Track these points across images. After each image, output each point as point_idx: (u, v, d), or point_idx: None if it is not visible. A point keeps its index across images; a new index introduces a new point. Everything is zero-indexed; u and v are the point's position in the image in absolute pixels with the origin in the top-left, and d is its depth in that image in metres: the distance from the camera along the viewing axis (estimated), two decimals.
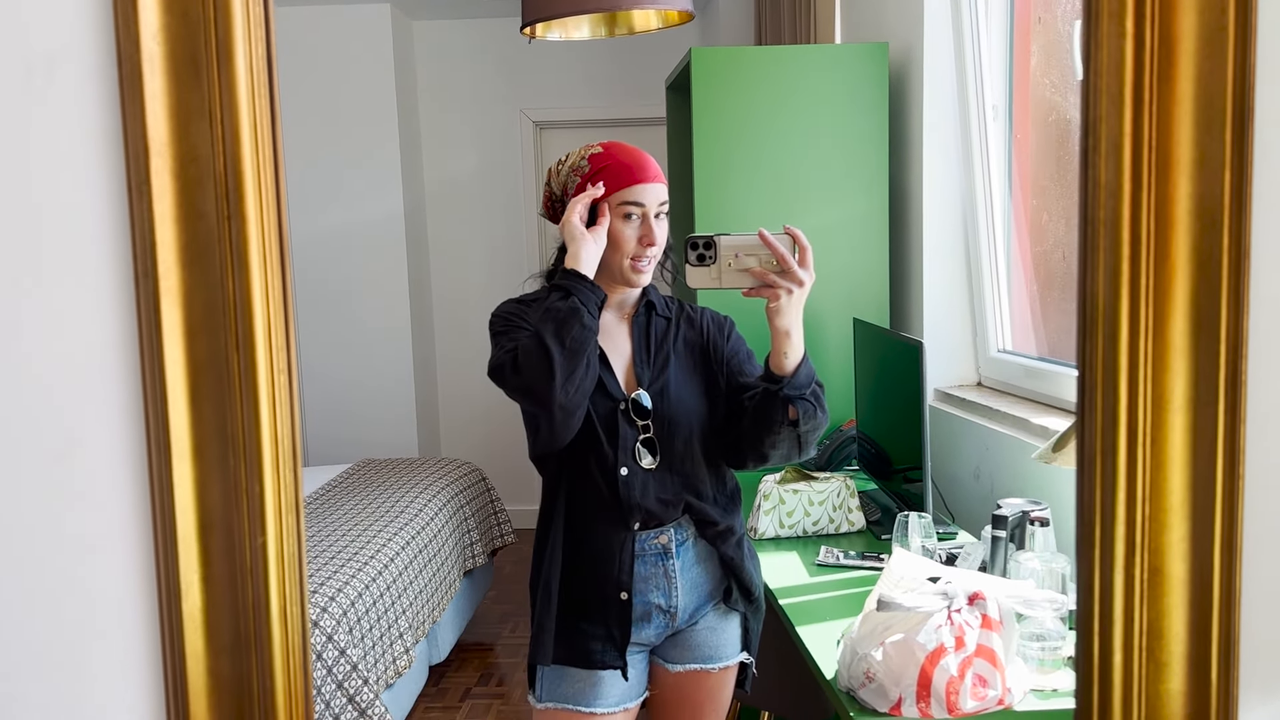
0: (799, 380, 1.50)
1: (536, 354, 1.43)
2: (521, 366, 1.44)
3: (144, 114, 0.77)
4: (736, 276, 1.48)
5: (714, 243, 1.48)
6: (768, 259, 1.46)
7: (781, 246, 1.45)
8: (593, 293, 1.47)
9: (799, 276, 1.45)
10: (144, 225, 0.78)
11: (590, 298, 1.46)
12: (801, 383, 1.51)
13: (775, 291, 1.46)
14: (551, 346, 1.42)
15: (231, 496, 0.81)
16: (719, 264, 1.48)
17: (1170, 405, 0.78)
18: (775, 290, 1.46)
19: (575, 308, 1.44)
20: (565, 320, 1.43)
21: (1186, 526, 0.79)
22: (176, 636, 0.84)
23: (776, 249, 1.45)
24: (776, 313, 1.47)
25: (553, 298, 1.46)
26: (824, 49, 2.94)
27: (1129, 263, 0.77)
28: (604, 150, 1.56)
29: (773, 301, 1.47)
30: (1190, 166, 0.76)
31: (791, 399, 1.50)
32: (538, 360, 1.42)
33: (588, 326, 1.44)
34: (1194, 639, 0.80)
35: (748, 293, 1.49)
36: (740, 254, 1.47)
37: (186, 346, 0.79)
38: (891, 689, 1.48)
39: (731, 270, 1.48)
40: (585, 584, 1.59)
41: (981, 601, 1.52)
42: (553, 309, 1.45)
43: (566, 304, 1.44)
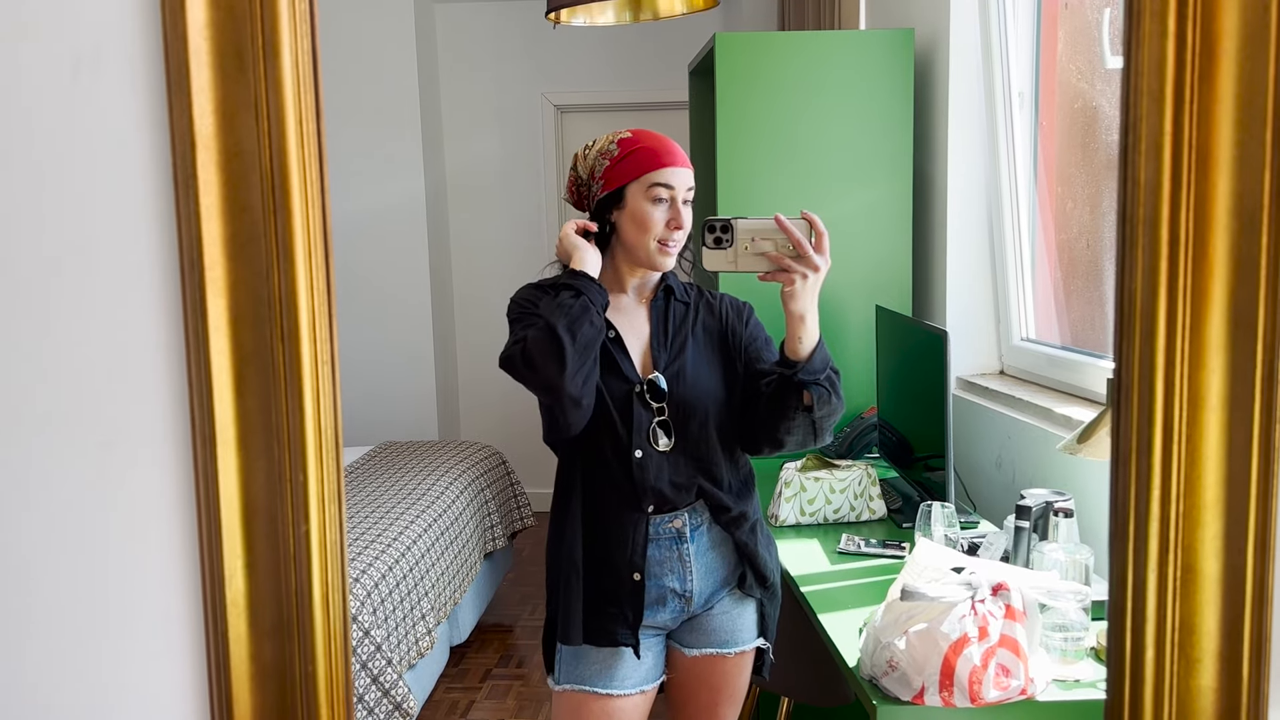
0: (814, 365, 1.51)
1: (549, 345, 1.44)
2: (532, 356, 1.46)
3: (190, 108, 0.78)
4: (752, 260, 1.48)
5: (731, 226, 1.48)
6: (784, 243, 1.47)
7: (798, 231, 1.45)
8: (600, 294, 1.51)
9: (815, 262, 1.46)
10: (190, 218, 0.80)
11: (598, 299, 1.50)
12: (816, 368, 1.51)
13: (791, 276, 1.46)
14: (564, 338, 1.44)
15: (275, 486, 0.82)
16: (735, 247, 1.48)
17: (1206, 404, 0.78)
18: (791, 275, 1.46)
19: (586, 306, 1.47)
20: (577, 317, 1.46)
21: (1220, 524, 0.80)
22: (220, 622, 0.85)
23: (793, 234, 1.45)
24: (791, 297, 1.48)
25: (564, 295, 1.49)
26: (849, 35, 2.92)
27: (1167, 261, 0.77)
28: (633, 135, 1.57)
29: (788, 286, 1.47)
30: (1230, 166, 0.76)
31: (806, 384, 1.51)
32: (549, 351, 1.44)
33: (596, 325, 1.48)
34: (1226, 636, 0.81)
35: (763, 277, 1.49)
36: (757, 238, 1.48)
37: (232, 338, 0.81)
38: (914, 678, 1.49)
39: (748, 254, 1.48)
40: (601, 564, 1.60)
41: (1005, 592, 1.52)
42: (565, 304, 1.47)
43: (579, 302, 1.47)
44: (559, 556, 1.62)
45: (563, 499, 1.63)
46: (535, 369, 1.46)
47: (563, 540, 1.61)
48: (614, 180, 1.55)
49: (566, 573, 1.60)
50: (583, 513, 1.61)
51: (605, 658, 1.61)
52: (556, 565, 1.62)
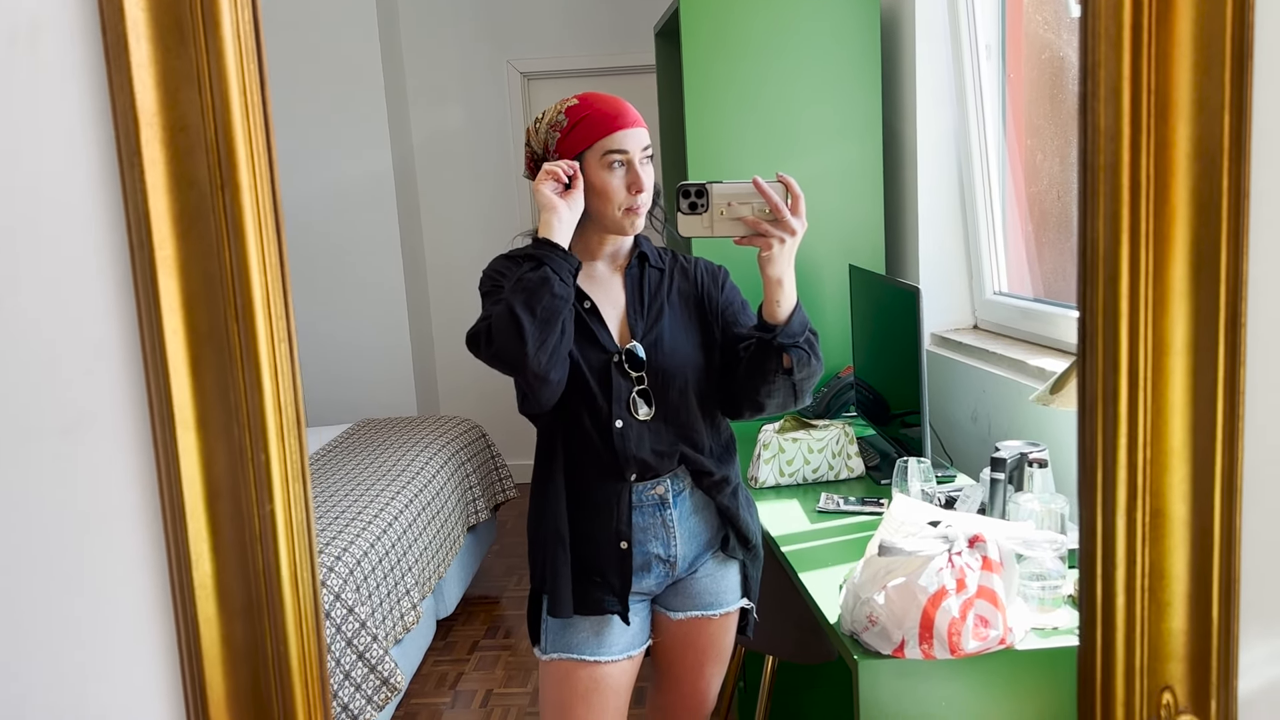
0: (792, 328, 1.50)
1: (509, 324, 1.43)
2: (495, 337, 1.45)
3: (131, 83, 0.76)
4: (729, 225, 1.47)
5: (706, 191, 1.46)
6: (760, 207, 1.45)
7: (775, 195, 1.44)
8: (565, 260, 1.46)
9: (791, 225, 1.44)
10: (137, 196, 0.78)
11: (563, 265, 1.45)
12: (795, 331, 1.51)
13: (768, 240, 1.45)
14: (522, 316, 1.42)
15: (238, 466, 0.81)
16: (711, 212, 1.47)
17: (1171, 349, 0.78)
18: (768, 239, 1.45)
19: (545, 277, 1.43)
20: (535, 290, 1.43)
21: (1187, 468, 0.80)
22: (189, 604, 0.84)
23: (771, 197, 1.43)
24: (769, 261, 1.47)
25: (525, 267, 1.46)
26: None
27: (1129, 207, 0.77)
28: (580, 101, 1.54)
29: (765, 250, 1.46)
30: (1189, 109, 0.76)
31: (786, 347, 1.50)
32: (509, 330, 1.43)
33: (559, 295, 1.44)
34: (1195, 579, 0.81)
35: (740, 241, 1.48)
36: (733, 202, 1.46)
37: (185, 317, 0.79)
38: (894, 631, 1.50)
39: (724, 219, 1.47)
40: (586, 535, 1.60)
41: (982, 544, 1.53)
42: (524, 279, 1.45)
43: (537, 274, 1.44)
44: (543, 530, 1.61)
45: (544, 472, 1.62)
46: (497, 349, 1.45)
47: (545, 514, 1.61)
48: (568, 152, 1.52)
49: (552, 546, 1.59)
50: (567, 482, 1.60)
51: (592, 625, 1.62)
52: (541, 539, 1.62)
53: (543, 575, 1.62)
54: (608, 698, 1.62)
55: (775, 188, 1.44)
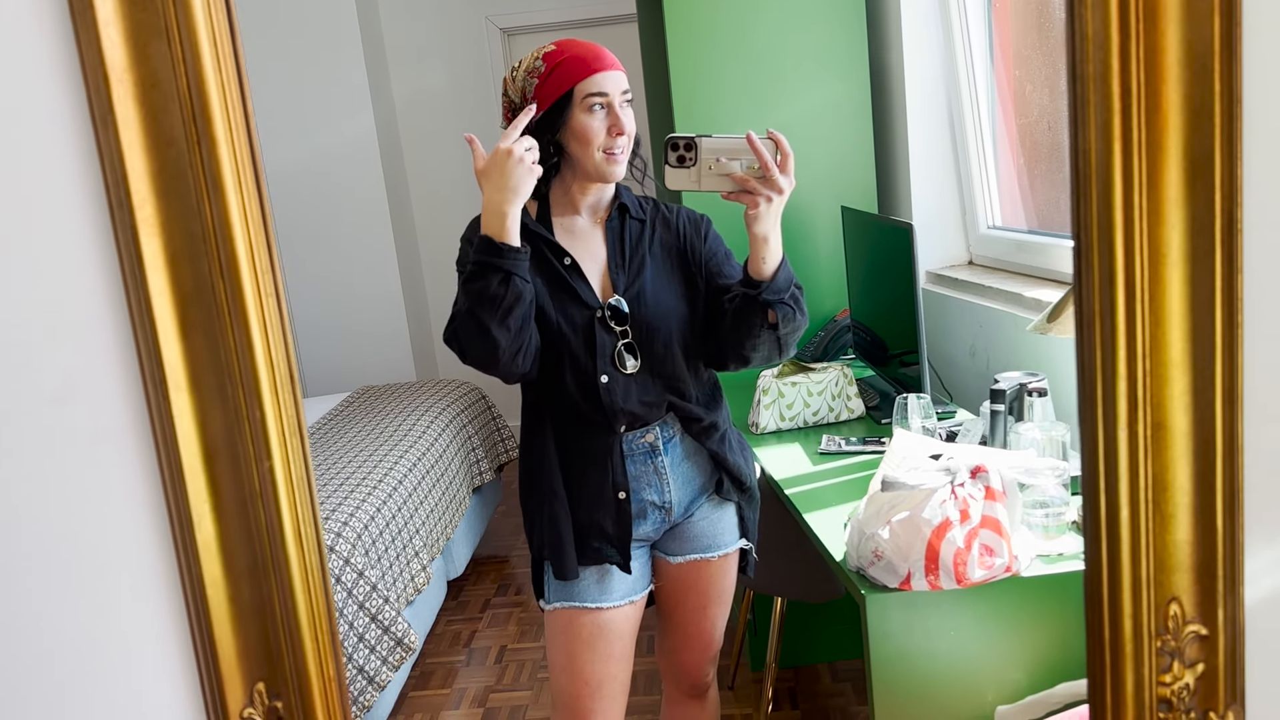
0: (778, 284, 1.49)
1: (475, 334, 1.45)
2: (467, 349, 1.48)
3: (99, 39, 0.75)
4: (716, 180, 1.45)
5: (695, 144, 1.44)
6: (749, 164, 1.43)
7: (766, 152, 1.42)
8: (515, 257, 1.43)
9: (779, 184, 1.43)
10: (113, 156, 0.76)
11: (514, 263, 1.43)
12: (780, 286, 1.50)
13: (755, 198, 1.43)
14: (493, 329, 1.44)
15: (233, 424, 0.80)
16: (699, 166, 1.45)
17: (1167, 259, 0.77)
18: (755, 196, 1.43)
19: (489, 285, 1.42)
20: (482, 298, 1.43)
21: (1188, 379, 0.79)
22: (194, 566, 0.84)
23: (762, 154, 1.41)
24: (755, 219, 1.45)
25: (469, 272, 1.45)
26: None
27: (1120, 116, 0.76)
28: (557, 47, 1.53)
29: (752, 209, 1.44)
30: (1179, 12, 0.74)
31: (770, 303, 1.49)
32: (476, 341, 1.46)
33: (517, 292, 1.43)
34: (1199, 489, 0.81)
35: (727, 196, 1.46)
36: (722, 157, 1.44)
37: (170, 277, 0.78)
38: (900, 564, 1.51)
39: (711, 174, 1.45)
40: (579, 488, 1.61)
41: (984, 474, 1.54)
42: (470, 292, 1.44)
43: (483, 284, 1.43)
44: (538, 490, 1.61)
45: (532, 433, 1.62)
46: (473, 360, 1.48)
47: (541, 473, 1.61)
48: (546, 98, 1.51)
49: (550, 505, 1.60)
50: (557, 438, 1.60)
51: (593, 573, 1.63)
52: (537, 498, 1.62)
53: (543, 538, 1.62)
54: (612, 642, 1.63)
55: (765, 144, 1.42)
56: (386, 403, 3.62)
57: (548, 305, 1.55)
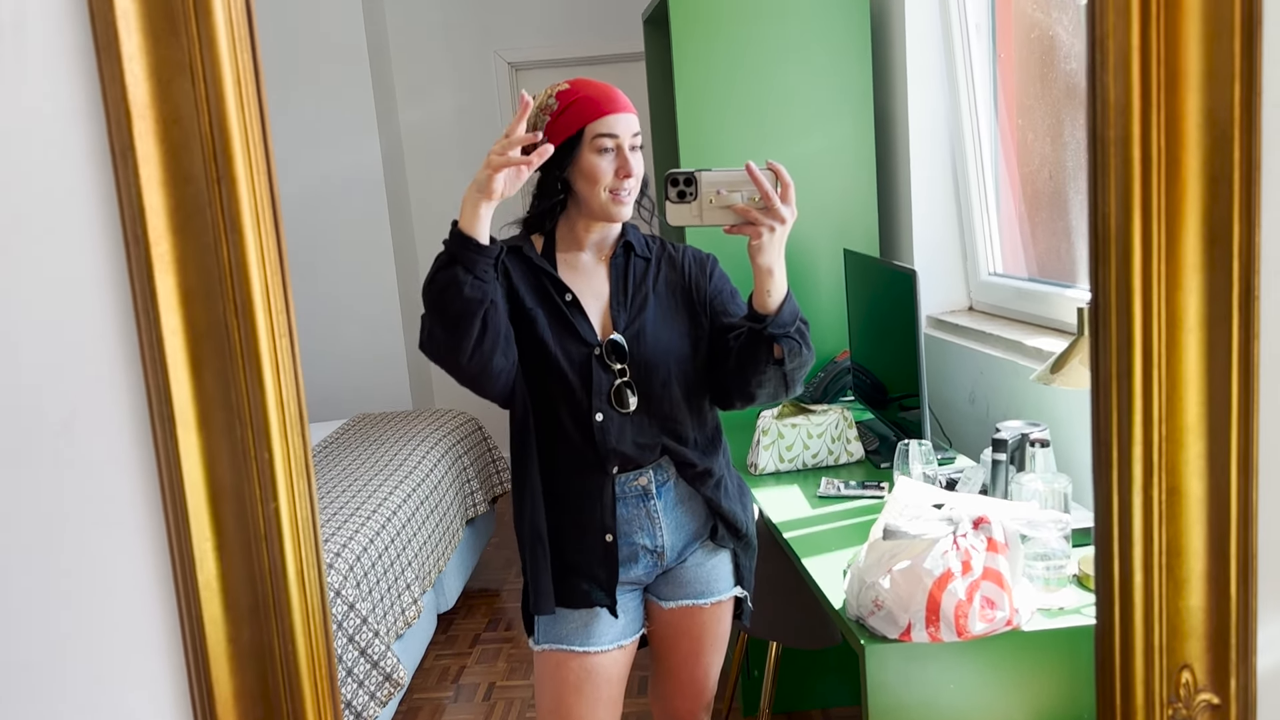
0: (783, 318, 1.49)
1: (430, 329, 1.44)
2: (424, 343, 1.47)
3: (122, 75, 0.75)
4: (718, 213, 1.45)
5: (695, 178, 1.44)
6: (750, 195, 1.43)
7: (766, 182, 1.42)
8: (479, 253, 1.41)
9: (781, 213, 1.42)
10: (131, 191, 0.76)
11: (476, 259, 1.41)
12: (786, 320, 1.49)
13: (758, 229, 1.43)
14: (436, 321, 1.43)
15: (240, 464, 0.80)
16: (700, 200, 1.45)
17: (1184, 324, 0.77)
18: (758, 228, 1.43)
19: (453, 278, 1.40)
20: (443, 290, 1.41)
21: (1203, 444, 0.79)
22: (194, 606, 0.83)
23: (762, 184, 1.41)
24: (759, 250, 1.44)
25: (436, 263, 1.43)
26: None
27: (1140, 181, 0.76)
28: (571, 86, 1.53)
29: (755, 239, 1.44)
30: (1200, 79, 0.75)
31: (776, 337, 1.49)
32: (430, 336, 1.45)
33: (469, 296, 1.41)
34: (1213, 555, 0.81)
35: (729, 230, 1.46)
36: (722, 190, 1.44)
37: (184, 314, 0.78)
38: (900, 615, 1.49)
39: (713, 207, 1.45)
40: (569, 529, 1.59)
41: (986, 525, 1.53)
42: (433, 280, 1.43)
43: (445, 274, 1.41)
44: (522, 528, 1.60)
45: (520, 469, 1.60)
46: (430, 353, 1.47)
47: (524, 512, 1.59)
48: (557, 135, 1.51)
49: (531, 544, 1.58)
50: (543, 480, 1.58)
51: (582, 616, 1.61)
52: (522, 537, 1.61)
53: (526, 572, 1.61)
54: (600, 687, 1.61)
55: (765, 175, 1.43)
56: (383, 431, 3.60)
57: (548, 340, 1.54)
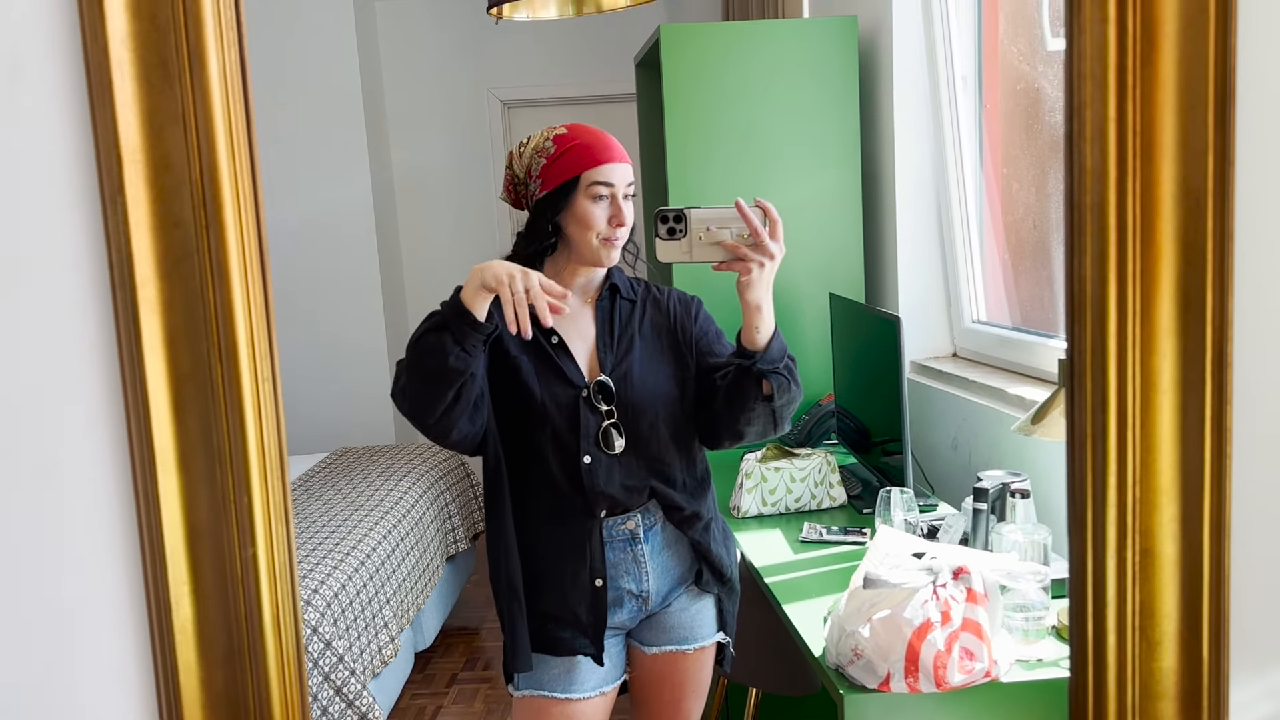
0: (772, 354, 1.50)
1: (404, 382, 1.45)
2: (395, 393, 1.47)
3: (115, 121, 0.75)
4: (707, 250, 1.47)
5: (684, 216, 1.46)
6: (738, 232, 1.45)
7: (755, 219, 1.44)
8: (473, 329, 1.41)
9: (770, 250, 1.44)
10: (119, 235, 0.77)
11: (468, 334, 1.41)
12: (774, 356, 1.50)
13: (747, 265, 1.44)
14: (413, 377, 1.44)
15: (219, 508, 0.79)
16: (690, 237, 1.46)
17: (1158, 387, 0.79)
18: (747, 264, 1.44)
19: (441, 344, 1.41)
20: (428, 352, 1.42)
21: (1176, 507, 0.80)
22: (168, 650, 0.83)
23: (751, 221, 1.43)
24: (748, 287, 1.46)
25: (429, 323, 1.44)
26: (793, 24, 2.92)
27: (1115, 247, 0.77)
28: (569, 131, 1.55)
29: (744, 276, 1.45)
30: (1174, 150, 0.76)
31: (765, 373, 1.50)
32: (403, 389, 1.45)
33: (452, 366, 1.41)
34: (1185, 618, 0.81)
35: (718, 266, 1.47)
36: (711, 227, 1.46)
37: (168, 357, 0.78)
38: (880, 665, 1.49)
39: (702, 244, 1.46)
40: (551, 575, 1.58)
41: (966, 575, 1.53)
42: (421, 338, 1.43)
43: (435, 337, 1.41)
44: (499, 584, 1.58)
45: (495, 520, 1.58)
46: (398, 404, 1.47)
47: (500, 564, 1.57)
48: (552, 179, 1.52)
49: (508, 598, 1.57)
50: (519, 531, 1.57)
51: (564, 662, 1.60)
52: (499, 590, 1.59)
53: (503, 627, 1.60)
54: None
55: (754, 212, 1.45)
56: (364, 465, 3.59)
57: (533, 385, 1.54)
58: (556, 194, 1.52)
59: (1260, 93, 0.80)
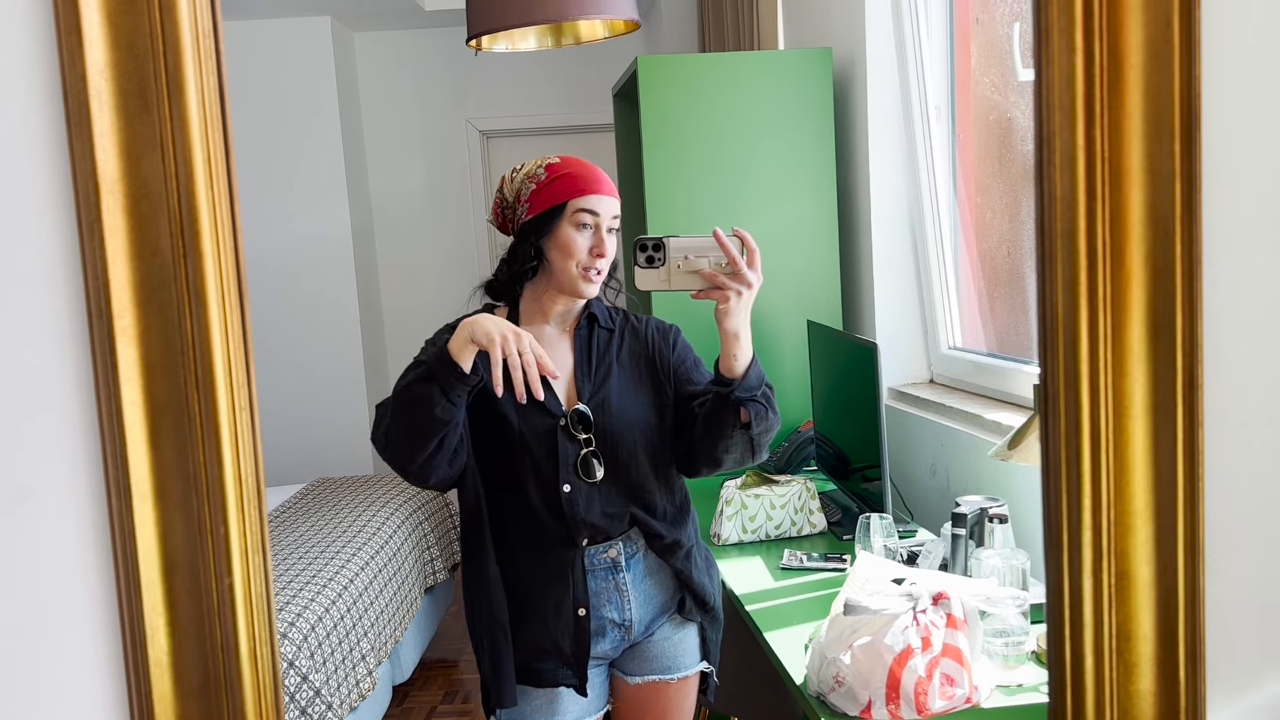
0: (749, 382, 1.51)
1: (387, 430, 1.46)
2: (376, 437, 1.49)
3: (93, 150, 0.75)
4: (686, 278, 1.48)
5: (663, 244, 1.48)
6: (717, 261, 1.47)
7: (733, 247, 1.46)
8: (460, 381, 1.42)
9: (748, 278, 1.46)
10: (96, 264, 0.76)
11: (455, 385, 1.41)
12: (752, 384, 1.51)
13: (725, 294, 1.46)
14: (396, 425, 1.45)
15: (196, 539, 0.79)
16: (668, 266, 1.48)
17: (1130, 411, 0.80)
18: (725, 292, 1.46)
19: (428, 395, 1.41)
20: (413, 403, 1.42)
21: (1151, 529, 0.81)
22: (144, 682, 0.81)
23: (729, 250, 1.45)
24: (726, 315, 1.47)
25: (416, 373, 1.43)
26: (768, 55, 2.96)
27: (1086, 273, 0.79)
28: (561, 161, 1.57)
29: (722, 304, 1.47)
30: (1142, 177, 0.78)
31: (743, 401, 1.51)
32: (386, 435, 1.47)
33: (438, 417, 1.41)
34: (1161, 640, 0.82)
35: (697, 295, 1.49)
36: (690, 255, 1.47)
37: (144, 387, 0.77)
38: (861, 692, 1.49)
39: (681, 272, 1.48)
40: (533, 606, 1.57)
41: (946, 601, 1.54)
42: (407, 389, 1.43)
43: (421, 388, 1.42)
44: (478, 618, 1.57)
45: (474, 554, 1.57)
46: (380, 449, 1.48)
47: (479, 600, 1.57)
48: (539, 204, 1.54)
49: (490, 634, 1.56)
50: (500, 565, 1.57)
51: (547, 693, 1.59)
52: (477, 626, 1.58)
53: (484, 663, 1.58)
54: None
55: (731, 242, 1.46)
56: (342, 496, 3.56)
57: (511, 413, 1.54)
58: (542, 218, 1.54)
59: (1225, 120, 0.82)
